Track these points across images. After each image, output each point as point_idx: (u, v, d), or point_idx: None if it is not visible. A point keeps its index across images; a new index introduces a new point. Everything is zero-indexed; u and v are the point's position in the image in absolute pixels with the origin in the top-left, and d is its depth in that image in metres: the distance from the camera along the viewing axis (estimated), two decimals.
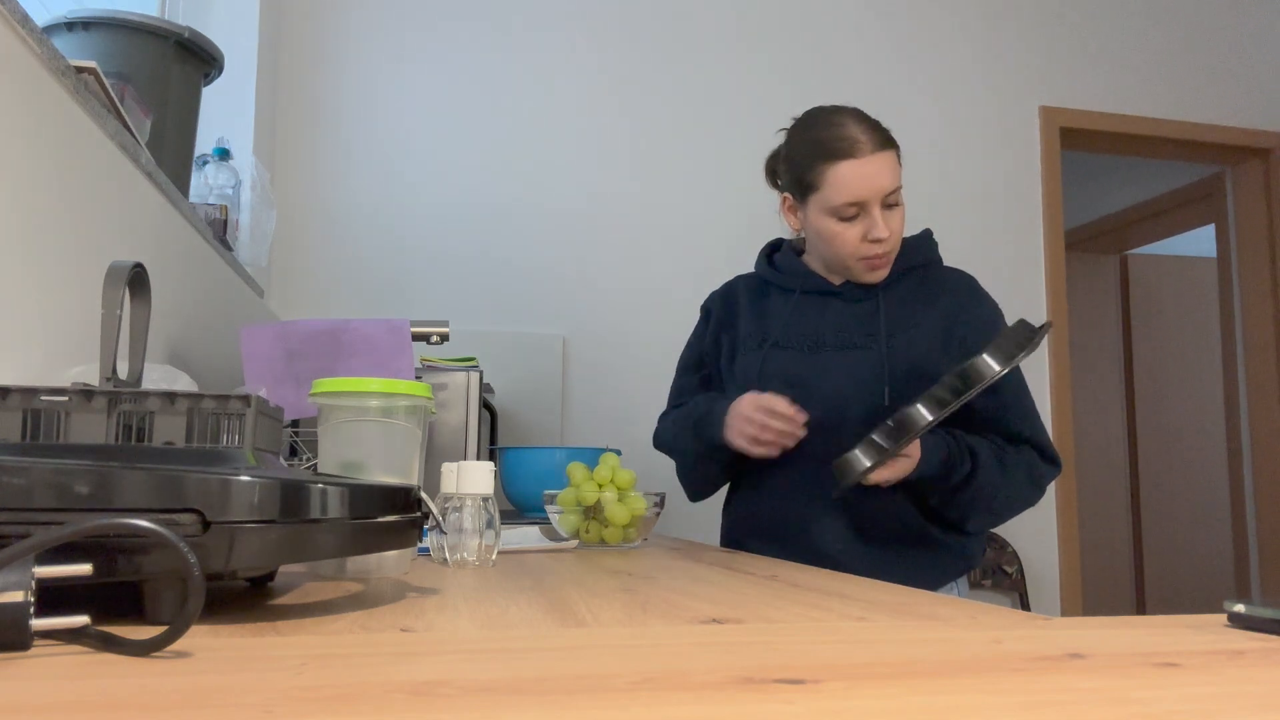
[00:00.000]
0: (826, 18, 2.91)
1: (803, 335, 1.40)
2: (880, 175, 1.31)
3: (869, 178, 1.31)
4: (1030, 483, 1.36)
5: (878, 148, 1.32)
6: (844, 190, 1.31)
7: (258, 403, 0.78)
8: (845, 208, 1.32)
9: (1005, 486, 1.33)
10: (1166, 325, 4.51)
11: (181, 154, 1.60)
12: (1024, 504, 1.38)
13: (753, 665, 0.37)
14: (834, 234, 1.35)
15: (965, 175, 2.93)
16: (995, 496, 1.33)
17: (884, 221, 1.33)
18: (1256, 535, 3.27)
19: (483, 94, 2.67)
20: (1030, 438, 1.36)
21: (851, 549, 1.34)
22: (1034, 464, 1.35)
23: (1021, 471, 1.34)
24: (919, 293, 1.41)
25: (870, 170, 1.31)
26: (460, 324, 2.55)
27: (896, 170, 1.34)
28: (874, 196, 1.32)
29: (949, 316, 1.39)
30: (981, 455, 1.31)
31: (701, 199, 2.77)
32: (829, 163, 1.32)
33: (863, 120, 1.35)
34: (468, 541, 0.83)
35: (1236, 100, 3.22)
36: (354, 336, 1.30)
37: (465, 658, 0.38)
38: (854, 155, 1.31)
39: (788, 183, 1.42)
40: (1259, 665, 0.39)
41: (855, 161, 1.31)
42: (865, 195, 1.31)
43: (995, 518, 1.37)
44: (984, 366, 1.14)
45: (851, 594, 0.66)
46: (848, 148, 1.31)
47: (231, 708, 0.29)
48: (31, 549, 0.37)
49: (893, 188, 1.32)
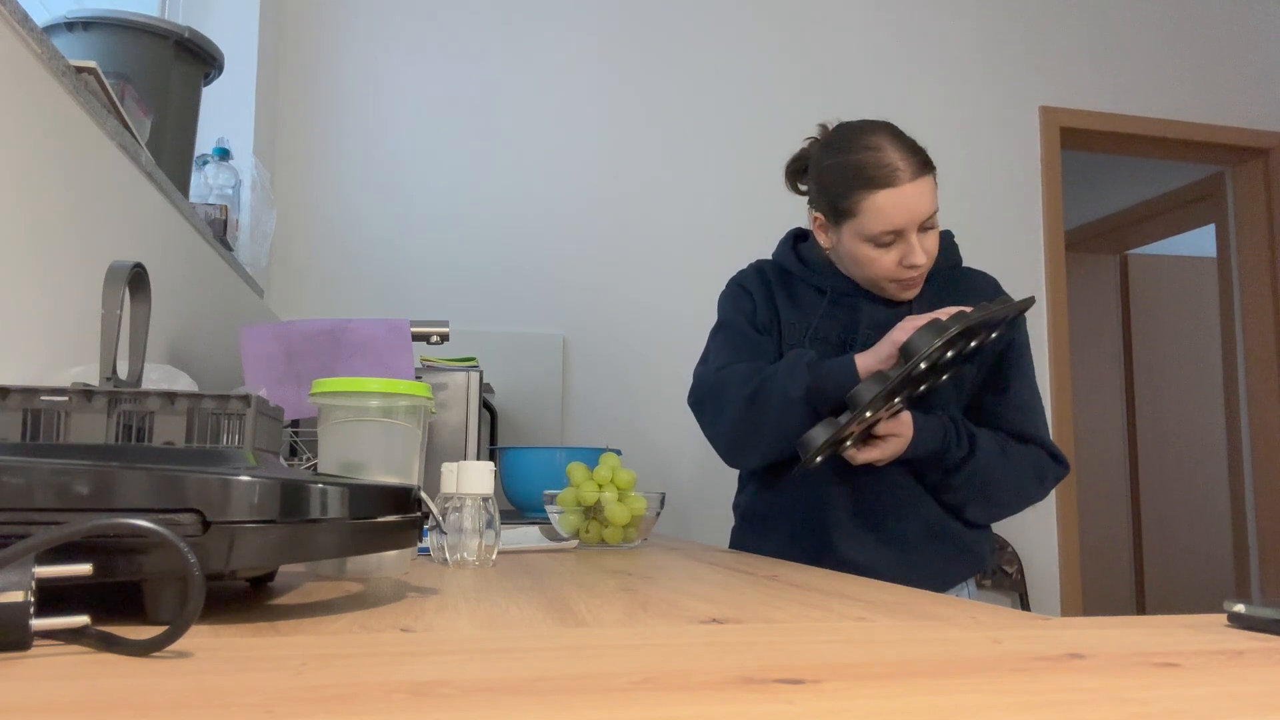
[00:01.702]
0: (827, 18, 2.91)
1: (834, 333, 1.37)
2: (920, 203, 1.27)
3: (908, 207, 1.26)
4: (1035, 478, 1.35)
5: (916, 174, 1.27)
6: (881, 220, 1.27)
7: (258, 403, 0.78)
8: (882, 235, 1.28)
9: (1006, 476, 1.32)
10: (1166, 325, 4.51)
11: (181, 154, 1.60)
12: (1026, 499, 1.37)
13: (753, 665, 0.37)
14: (870, 259, 1.31)
15: (965, 175, 2.93)
16: (993, 484, 1.32)
17: (920, 245, 1.29)
18: (1256, 535, 3.27)
19: (483, 94, 2.67)
20: (1037, 438, 1.35)
21: (874, 555, 1.32)
22: (1040, 461, 1.35)
23: (1026, 465, 1.33)
24: (947, 296, 1.37)
25: (909, 199, 1.26)
26: (460, 324, 2.55)
27: (934, 194, 1.29)
28: (912, 225, 1.27)
29: None
30: (981, 441, 1.31)
31: (702, 199, 2.77)
32: (866, 192, 1.27)
33: (899, 142, 1.29)
34: (468, 541, 0.83)
35: (1236, 100, 3.22)
36: (354, 336, 1.30)
37: (465, 658, 0.38)
38: (893, 184, 1.25)
39: (820, 204, 1.37)
40: (1259, 665, 0.39)
41: (894, 191, 1.25)
42: (904, 224, 1.27)
43: (996, 508, 1.36)
44: (919, 340, 1.12)
45: (851, 594, 0.66)
46: (886, 176, 1.26)
47: (231, 708, 0.29)
48: (31, 549, 0.37)
49: (930, 212, 1.28)
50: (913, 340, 1.12)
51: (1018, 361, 1.38)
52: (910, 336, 1.13)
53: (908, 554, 1.33)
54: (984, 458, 1.30)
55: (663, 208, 2.74)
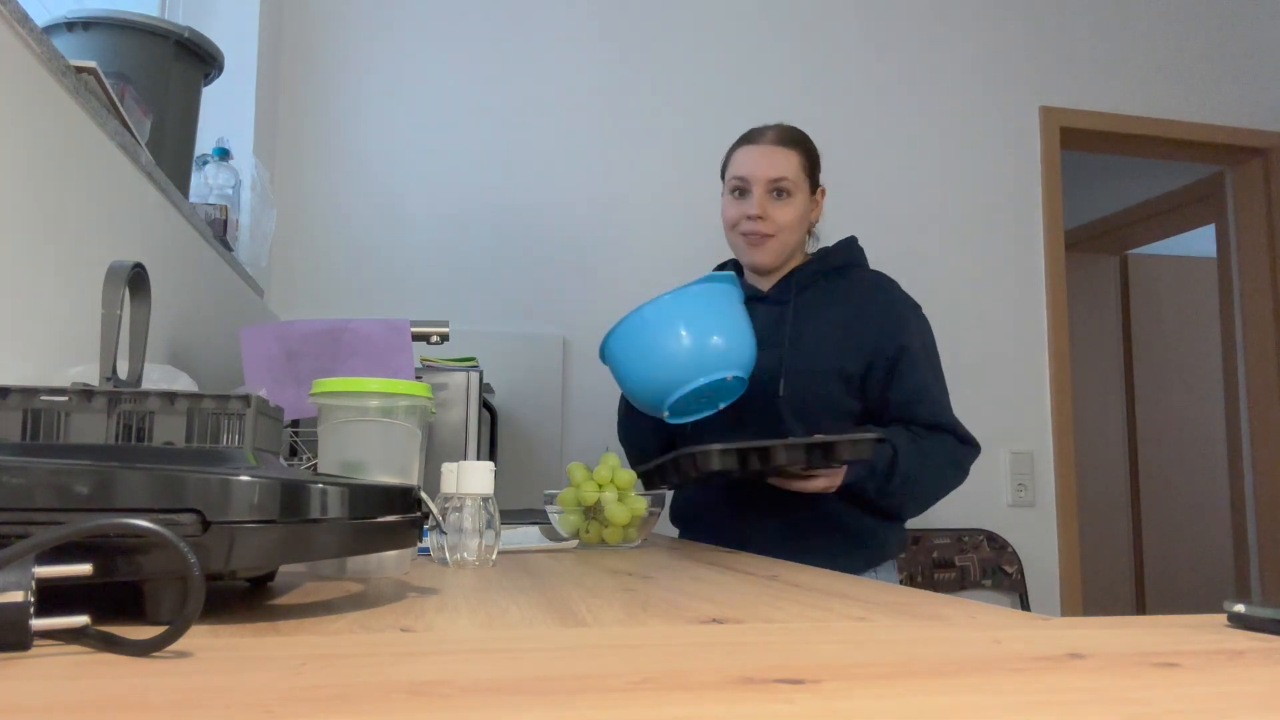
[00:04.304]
0: (827, 18, 2.91)
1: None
2: (769, 162, 1.50)
3: (757, 162, 1.51)
4: (952, 465, 1.44)
5: (777, 141, 1.52)
6: (735, 166, 1.54)
7: (258, 403, 0.78)
8: (733, 180, 1.53)
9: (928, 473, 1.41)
10: (1166, 325, 4.51)
11: (181, 154, 1.60)
12: (947, 486, 1.46)
13: (753, 665, 0.37)
14: (724, 210, 1.56)
15: (965, 175, 2.93)
16: (919, 481, 1.41)
17: (763, 204, 1.49)
18: (1256, 535, 3.27)
19: (483, 93, 2.67)
20: (945, 423, 1.44)
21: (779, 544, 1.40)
22: (954, 449, 1.44)
23: (942, 454, 1.42)
24: (830, 296, 1.53)
25: (761, 156, 1.51)
26: (460, 324, 2.54)
27: (792, 167, 1.50)
28: (759, 178, 1.50)
29: (854, 316, 1.49)
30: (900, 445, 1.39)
31: (702, 199, 2.76)
32: (736, 147, 1.57)
33: (780, 125, 1.56)
34: (468, 541, 0.83)
35: (1236, 100, 3.22)
36: (354, 336, 1.30)
37: (465, 658, 0.38)
38: (752, 141, 1.54)
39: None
40: (1259, 665, 0.39)
41: (751, 147, 1.53)
42: (749, 174, 1.50)
43: (926, 504, 1.46)
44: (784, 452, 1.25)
45: (851, 594, 0.66)
46: (750, 135, 1.56)
47: (231, 708, 0.29)
48: (31, 549, 0.37)
49: (779, 177, 1.49)
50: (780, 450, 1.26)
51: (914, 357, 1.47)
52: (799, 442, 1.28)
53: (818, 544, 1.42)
54: (905, 465, 1.39)
55: (664, 208, 2.74)
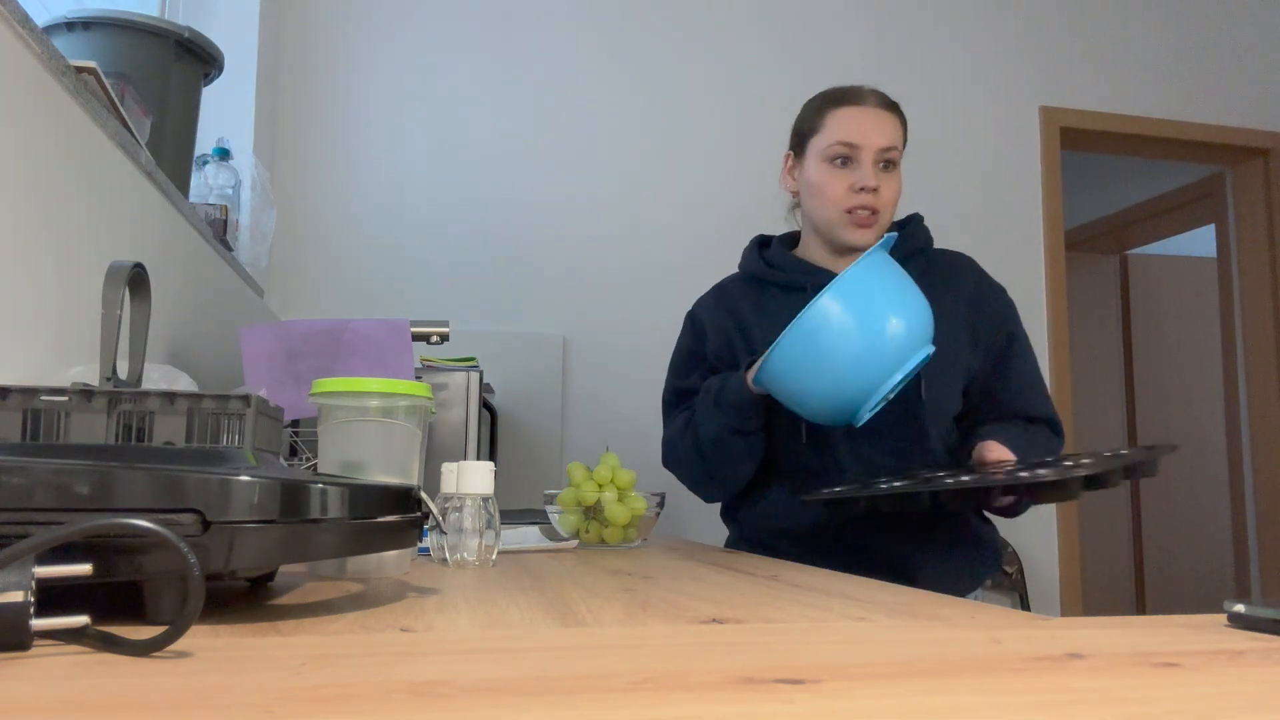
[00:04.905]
0: (827, 17, 2.91)
1: None
2: (880, 127, 1.32)
3: (868, 125, 1.32)
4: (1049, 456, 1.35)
5: (881, 104, 1.35)
6: (840, 129, 1.32)
7: (258, 403, 0.78)
8: (838, 147, 1.32)
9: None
10: (1166, 325, 4.51)
11: (181, 154, 1.60)
12: None
13: (753, 665, 0.37)
14: (823, 182, 1.33)
15: (965, 175, 2.93)
16: None
17: (875, 176, 1.31)
18: (1256, 535, 3.27)
19: (482, 93, 2.67)
20: (1046, 416, 1.37)
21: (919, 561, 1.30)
22: (1050, 440, 1.37)
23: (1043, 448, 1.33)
24: (930, 276, 1.33)
25: (870, 118, 1.32)
26: (460, 324, 2.54)
27: (898, 135, 1.34)
28: (869, 145, 1.31)
29: (970, 304, 1.36)
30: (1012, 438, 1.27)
31: (702, 198, 2.76)
32: (831, 107, 1.35)
33: (873, 88, 1.38)
34: (468, 541, 0.83)
35: (1236, 100, 3.22)
36: (354, 336, 1.30)
37: (465, 658, 0.38)
38: (856, 102, 1.34)
39: (792, 141, 1.42)
40: (1259, 665, 0.39)
41: (856, 108, 1.33)
42: (860, 140, 1.31)
43: None
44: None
45: (851, 594, 0.66)
46: (852, 95, 1.35)
47: (231, 708, 0.29)
48: (31, 549, 0.37)
49: (889, 144, 1.32)
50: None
51: (1020, 350, 1.39)
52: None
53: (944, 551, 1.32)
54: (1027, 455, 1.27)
55: (664, 207, 2.74)
